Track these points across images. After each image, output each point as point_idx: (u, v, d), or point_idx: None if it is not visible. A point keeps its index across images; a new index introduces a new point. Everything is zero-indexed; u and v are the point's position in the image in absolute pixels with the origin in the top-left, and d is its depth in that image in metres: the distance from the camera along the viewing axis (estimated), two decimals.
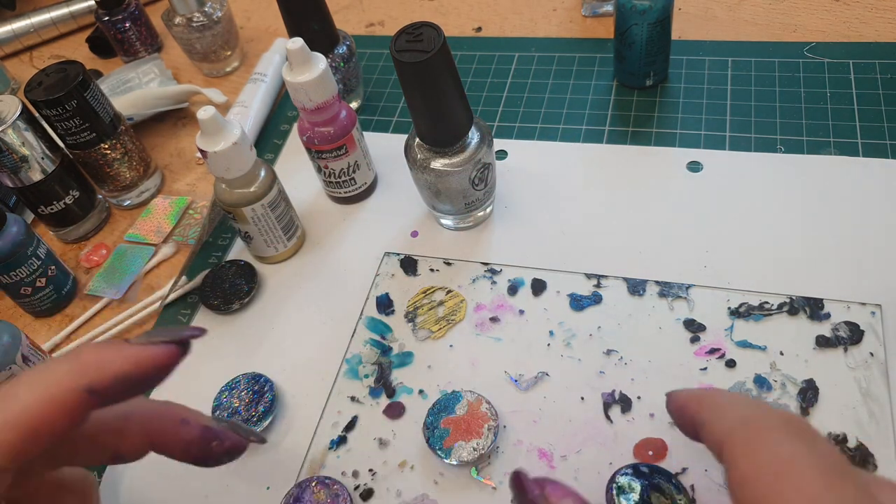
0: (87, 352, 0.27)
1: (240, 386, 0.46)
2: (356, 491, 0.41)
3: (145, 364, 0.28)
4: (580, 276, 0.48)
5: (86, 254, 0.59)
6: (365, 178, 0.55)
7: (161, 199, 0.61)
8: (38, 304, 0.54)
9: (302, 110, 0.50)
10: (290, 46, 0.47)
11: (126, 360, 0.27)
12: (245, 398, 0.45)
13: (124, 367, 0.27)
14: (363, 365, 0.47)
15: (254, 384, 0.46)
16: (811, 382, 0.40)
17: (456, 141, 0.46)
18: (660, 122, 0.56)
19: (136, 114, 0.65)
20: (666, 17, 0.53)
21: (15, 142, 0.52)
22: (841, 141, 0.51)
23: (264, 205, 0.49)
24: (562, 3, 0.69)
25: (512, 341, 0.46)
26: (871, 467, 0.37)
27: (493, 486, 0.40)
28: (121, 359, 0.27)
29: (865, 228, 0.46)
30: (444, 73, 0.42)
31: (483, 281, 0.49)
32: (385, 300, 0.49)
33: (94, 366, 0.27)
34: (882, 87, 0.54)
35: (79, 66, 0.54)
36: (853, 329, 0.42)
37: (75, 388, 0.26)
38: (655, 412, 0.41)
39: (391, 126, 0.62)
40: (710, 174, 0.51)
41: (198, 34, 0.67)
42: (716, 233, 0.48)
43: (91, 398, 0.27)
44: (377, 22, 0.73)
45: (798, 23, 0.61)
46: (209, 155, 0.46)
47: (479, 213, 0.51)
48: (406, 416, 0.44)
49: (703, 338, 0.43)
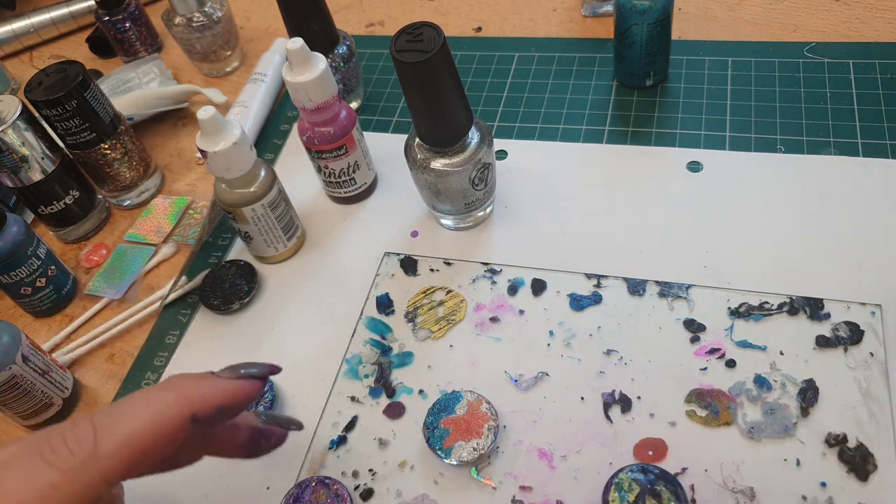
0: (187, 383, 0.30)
1: None
2: (356, 491, 0.41)
3: (238, 397, 0.31)
4: (580, 276, 0.48)
5: (86, 254, 0.59)
6: (365, 178, 0.55)
7: (161, 199, 0.61)
8: (38, 304, 0.54)
9: (302, 110, 0.50)
10: (290, 46, 0.47)
11: (224, 392, 0.31)
12: None
13: (222, 400, 0.30)
14: (363, 365, 0.47)
15: None
16: (811, 382, 0.40)
17: (456, 141, 0.46)
18: (660, 122, 0.56)
19: (136, 114, 0.65)
20: (666, 17, 0.53)
21: (15, 142, 0.52)
22: (841, 141, 0.51)
23: (264, 205, 0.49)
24: (562, 3, 0.69)
25: (512, 341, 0.46)
26: (871, 467, 0.37)
27: (493, 486, 0.40)
28: (220, 392, 0.31)
29: (865, 228, 0.46)
30: (444, 73, 0.42)
31: (483, 281, 0.49)
32: (385, 300, 0.49)
33: (197, 397, 0.30)
34: (882, 87, 0.54)
35: (79, 66, 0.54)
36: (853, 329, 0.42)
37: (181, 416, 0.29)
38: (655, 412, 0.41)
39: (391, 126, 0.62)
40: (710, 174, 0.51)
41: (198, 34, 0.67)
42: (716, 233, 0.48)
43: (192, 426, 0.29)
44: (377, 22, 0.73)
45: (798, 23, 0.61)
46: (209, 155, 0.46)
47: (479, 213, 0.51)
48: (406, 416, 0.44)
49: (703, 338, 0.43)
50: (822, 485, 0.37)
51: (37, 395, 0.46)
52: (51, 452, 0.27)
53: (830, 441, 0.38)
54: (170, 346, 0.50)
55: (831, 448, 0.38)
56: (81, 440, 0.27)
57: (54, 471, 0.26)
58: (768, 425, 0.39)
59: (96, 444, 0.27)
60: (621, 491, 0.37)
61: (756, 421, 0.40)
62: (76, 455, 0.27)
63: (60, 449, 0.27)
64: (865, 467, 0.37)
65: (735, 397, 0.41)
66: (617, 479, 0.37)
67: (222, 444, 0.36)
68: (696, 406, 0.41)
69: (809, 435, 0.39)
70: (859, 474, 0.37)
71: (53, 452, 0.27)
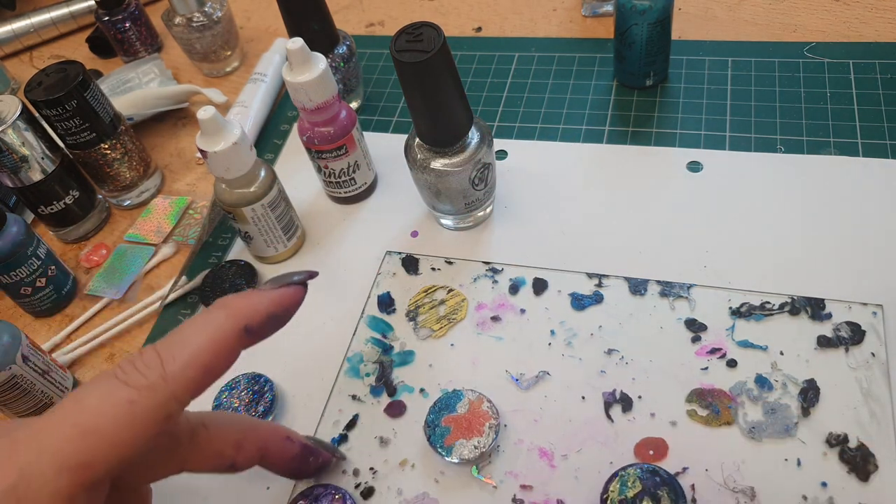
0: (234, 300, 0.32)
1: (240, 386, 0.46)
2: (357, 489, 0.41)
3: (285, 303, 0.33)
4: (581, 276, 0.48)
5: (86, 254, 0.59)
6: (365, 178, 0.55)
7: (161, 199, 0.61)
8: (38, 304, 0.54)
9: (302, 110, 0.50)
10: (290, 46, 0.47)
11: (271, 301, 0.32)
12: (245, 398, 0.45)
13: (270, 308, 0.32)
14: (364, 363, 0.47)
15: (254, 384, 0.46)
16: (812, 382, 0.40)
17: (456, 141, 0.46)
18: (660, 122, 0.56)
19: (136, 114, 0.65)
20: (666, 17, 0.53)
21: (15, 142, 0.52)
22: (841, 141, 0.51)
23: (264, 205, 0.49)
24: (562, 3, 0.69)
25: (513, 340, 0.46)
26: (871, 467, 0.37)
27: (493, 485, 0.40)
28: (267, 301, 0.32)
29: (866, 228, 0.46)
30: (444, 73, 0.42)
31: (484, 280, 0.49)
32: (386, 299, 0.49)
33: (246, 309, 0.31)
34: (882, 87, 0.54)
35: (79, 66, 0.54)
36: (854, 329, 0.42)
37: (236, 328, 0.31)
38: (656, 412, 0.41)
39: (391, 126, 0.62)
40: (710, 174, 0.51)
41: (198, 34, 0.67)
42: (716, 233, 0.48)
43: (248, 337, 0.31)
44: (377, 22, 0.73)
45: (798, 23, 0.61)
46: (209, 155, 0.46)
47: (479, 213, 0.51)
48: (407, 415, 0.44)
49: (704, 337, 0.43)
50: (823, 485, 0.37)
51: (37, 395, 0.46)
52: (124, 374, 0.28)
53: (831, 441, 0.38)
54: None
55: (832, 448, 0.38)
56: (150, 364, 0.29)
57: (130, 389, 0.28)
58: (769, 425, 0.39)
59: (163, 366, 0.29)
60: (624, 484, 0.37)
61: (757, 421, 0.40)
62: (148, 377, 0.28)
63: (132, 372, 0.28)
64: (866, 467, 0.37)
65: (736, 397, 0.41)
66: (624, 472, 0.37)
67: (275, 452, 0.37)
68: (696, 406, 0.41)
69: (810, 435, 0.39)
70: (860, 474, 0.37)
71: (126, 374, 0.28)
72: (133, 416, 0.28)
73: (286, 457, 0.38)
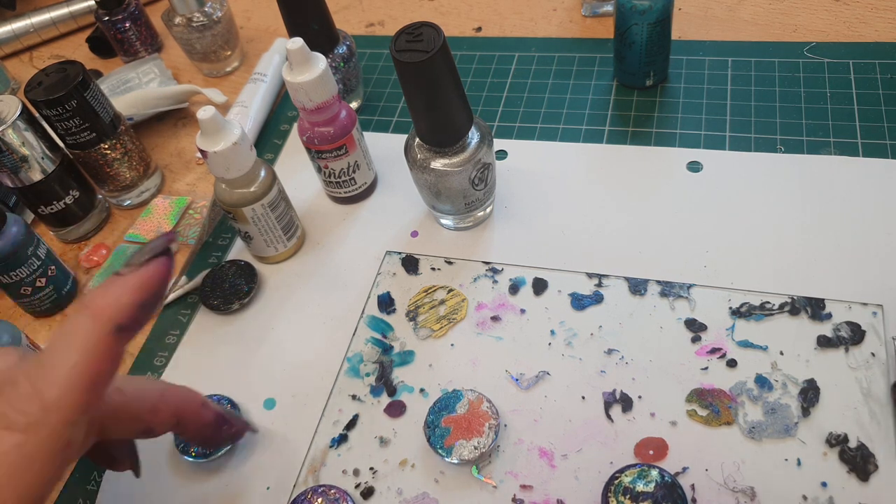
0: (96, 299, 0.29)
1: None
2: (357, 489, 0.41)
3: (151, 285, 0.30)
4: (581, 276, 0.48)
5: (86, 254, 0.59)
6: (365, 178, 0.55)
7: (161, 199, 0.61)
8: (38, 304, 0.54)
9: (302, 110, 0.50)
10: (290, 46, 0.47)
11: (132, 289, 0.29)
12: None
13: (135, 297, 0.29)
14: (364, 363, 0.47)
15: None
16: (812, 382, 0.40)
17: (456, 141, 0.46)
18: (660, 122, 0.56)
19: (136, 114, 0.65)
20: (666, 17, 0.53)
21: (15, 142, 0.52)
22: (841, 141, 0.51)
23: (264, 205, 0.49)
24: (562, 3, 0.69)
25: (513, 340, 0.46)
26: (871, 467, 0.37)
27: (493, 485, 0.40)
28: (129, 290, 0.29)
29: (866, 228, 0.46)
30: (444, 73, 0.42)
31: (484, 280, 0.49)
32: (386, 299, 0.49)
33: (110, 308, 0.29)
34: (882, 87, 0.54)
35: (79, 66, 0.54)
36: (854, 329, 0.42)
37: (105, 333, 0.28)
38: (656, 412, 0.41)
39: (391, 126, 0.62)
40: (710, 174, 0.51)
41: (198, 34, 0.67)
42: (716, 233, 0.48)
43: (122, 335, 0.29)
44: (377, 22, 0.73)
45: (798, 23, 0.61)
46: (209, 155, 0.46)
47: (479, 213, 0.51)
48: (407, 415, 0.44)
49: (704, 337, 0.43)
50: (823, 485, 0.37)
51: None
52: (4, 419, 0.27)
53: (831, 441, 0.38)
54: (170, 346, 0.50)
55: (832, 448, 0.38)
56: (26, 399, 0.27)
57: (13, 434, 0.27)
58: (769, 425, 0.39)
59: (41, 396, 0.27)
60: (638, 480, 0.36)
61: (757, 421, 0.40)
62: (28, 414, 0.27)
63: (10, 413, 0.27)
64: (866, 467, 0.37)
65: (736, 397, 0.41)
66: (642, 468, 0.37)
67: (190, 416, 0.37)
68: (696, 406, 0.41)
69: (810, 435, 0.39)
70: (860, 474, 0.37)
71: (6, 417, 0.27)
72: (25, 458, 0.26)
73: (200, 422, 0.37)
